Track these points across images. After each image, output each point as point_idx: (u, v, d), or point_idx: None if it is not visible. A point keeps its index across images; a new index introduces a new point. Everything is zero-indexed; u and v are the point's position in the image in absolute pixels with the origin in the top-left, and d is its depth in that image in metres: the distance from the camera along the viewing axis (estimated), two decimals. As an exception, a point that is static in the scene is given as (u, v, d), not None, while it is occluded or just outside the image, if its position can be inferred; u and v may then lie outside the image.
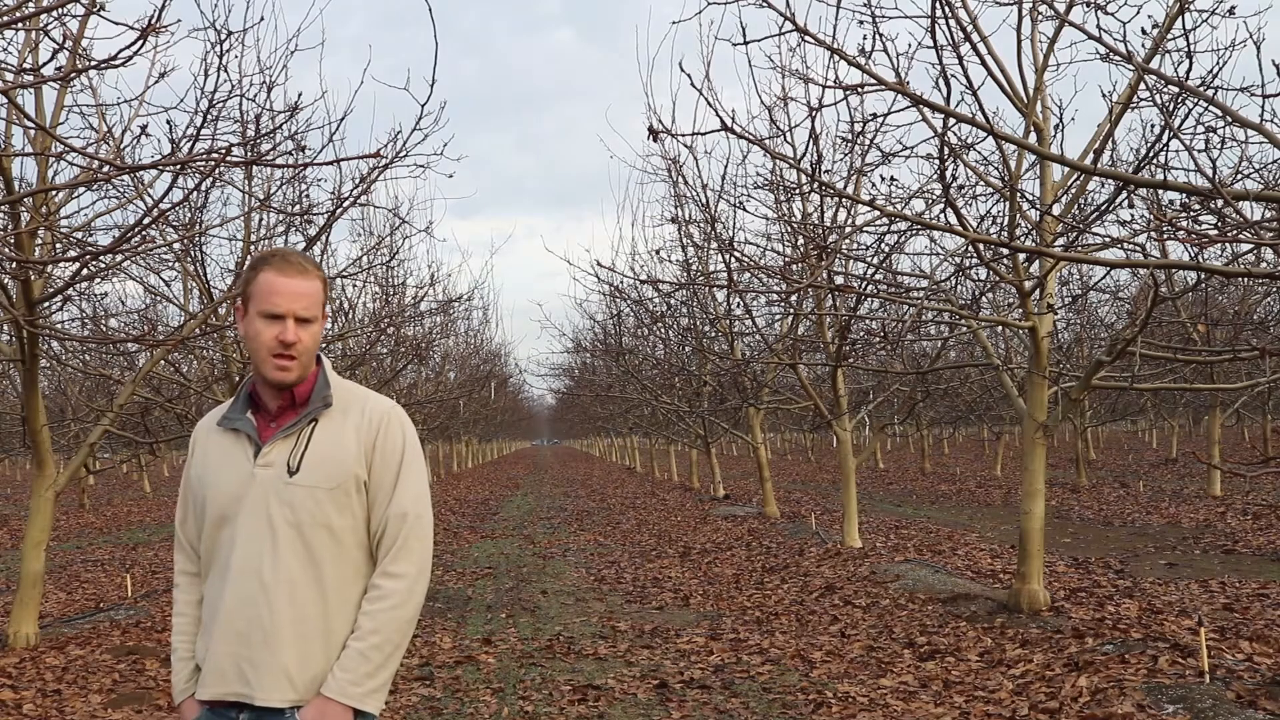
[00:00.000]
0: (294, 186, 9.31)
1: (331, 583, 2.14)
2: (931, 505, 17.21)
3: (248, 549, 2.12)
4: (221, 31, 5.76)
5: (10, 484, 32.99)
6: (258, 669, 2.10)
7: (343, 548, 2.16)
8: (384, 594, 2.15)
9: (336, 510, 2.14)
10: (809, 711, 5.09)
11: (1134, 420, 40.30)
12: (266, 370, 2.14)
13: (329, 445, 2.16)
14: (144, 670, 6.06)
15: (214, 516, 2.17)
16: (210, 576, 2.20)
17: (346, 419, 2.20)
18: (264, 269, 2.15)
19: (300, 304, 2.13)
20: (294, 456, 2.15)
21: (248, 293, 2.17)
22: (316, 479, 2.14)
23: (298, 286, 2.13)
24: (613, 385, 23.07)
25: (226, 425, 2.21)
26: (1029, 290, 6.58)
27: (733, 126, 4.83)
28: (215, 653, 2.13)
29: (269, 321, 2.13)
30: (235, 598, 2.11)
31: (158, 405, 10.97)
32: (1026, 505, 6.83)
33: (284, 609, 2.10)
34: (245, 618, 2.10)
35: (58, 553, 12.81)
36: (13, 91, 4.91)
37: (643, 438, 34.02)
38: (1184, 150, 4.58)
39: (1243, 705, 4.43)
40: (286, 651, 2.09)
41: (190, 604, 2.28)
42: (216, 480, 2.18)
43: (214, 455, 2.22)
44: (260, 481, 2.14)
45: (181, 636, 2.26)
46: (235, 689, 2.12)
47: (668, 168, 12.98)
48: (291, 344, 2.12)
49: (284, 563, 2.11)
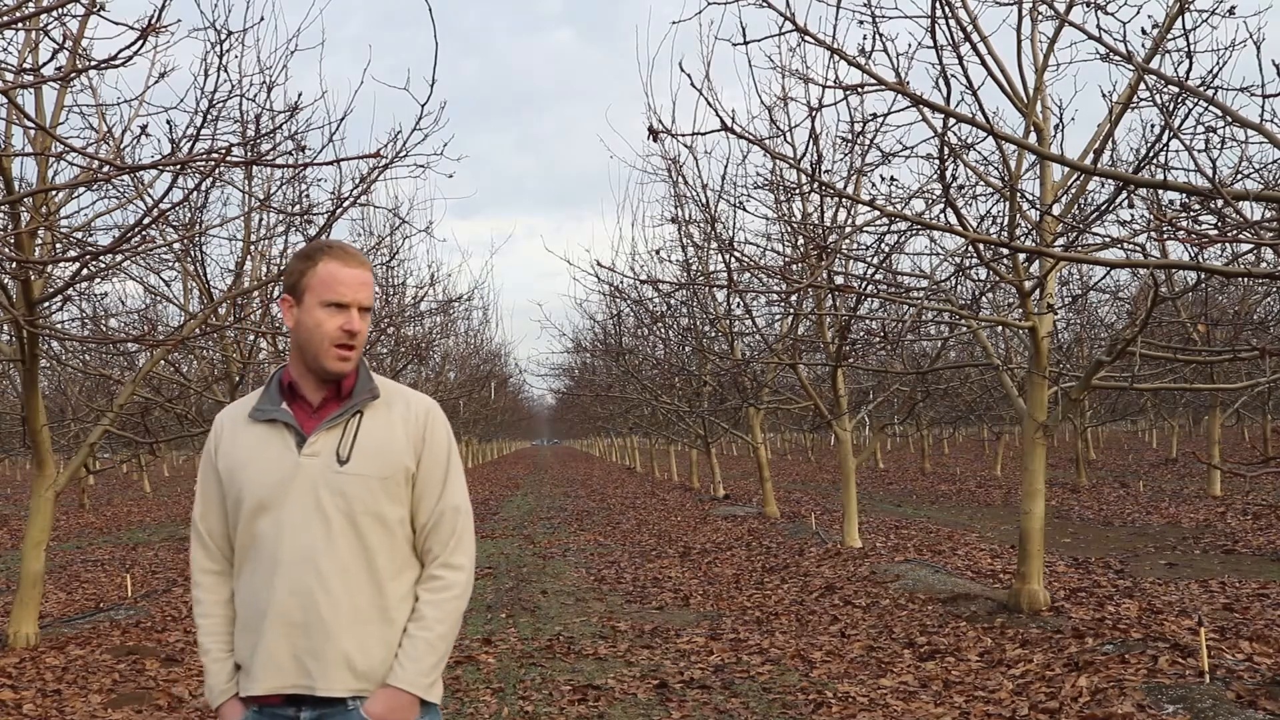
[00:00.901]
0: (294, 186, 9.33)
1: (384, 572, 2.12)
2: (931, 505, 17.21)
3: (298, 539, 2.08)
4: (221, 31, 5.77)
5: (10, 484, 32.99)
6: (319, 659, 2.06)
7: (394, 539, 2.14)
8: (447, 584, 2.15)
9: (388, 500, 2.13)
10: (809, 711, 5.09)
11: (1134, 420, 40.30)
12: (328, 361, 2.12)
13: (379, 436, 2.14)
14: (144, 670, 6.06)
15: (251, 506, 2.12)
16: (249, 570, 2.15)
17: (392, 411, 2.18)
18: (323, 259, 2.13)
19: (363, 294, 2.13)
20: (343, 446, 2.12)
21: (304, 284, 2.13)
22: (368, 468, 2.11)
23: (360, 276, 2.13)
24: (613, 385, 23.08)
25: (260, 417, 2.17)
26: (1029, 290, 6.58)
27: (733, 126, 4.83)
28: (268, 647, 2.08)
29: (333, 311, 2.11)
30: (288, 589, 2.07)
31: (158, 405, 10.98)
32: (1026, 505, 6.83)
33: (342, 597, 2.07)
34: (301, 608, 2.07)
35: (58, 553, 12.80)
36: (13, 91, 4.91)
37: (643, 438, 34.03)
38: (1184, 150, 4.58)
39: (1243, 705, 4.43)
40: (347, 640, 2.07)
41: (217, 603, 2.21)
42: (254, 470, 2.13)
43: (247, 446, 2.17)
44: (307, 470, 2.10)
45: (213, 637, 2.20)
46: (295, 681, 2.08)
47: (668, 168, 13.00)
48: (356, 333, 2.11)
49: (339, 551, 2.08)
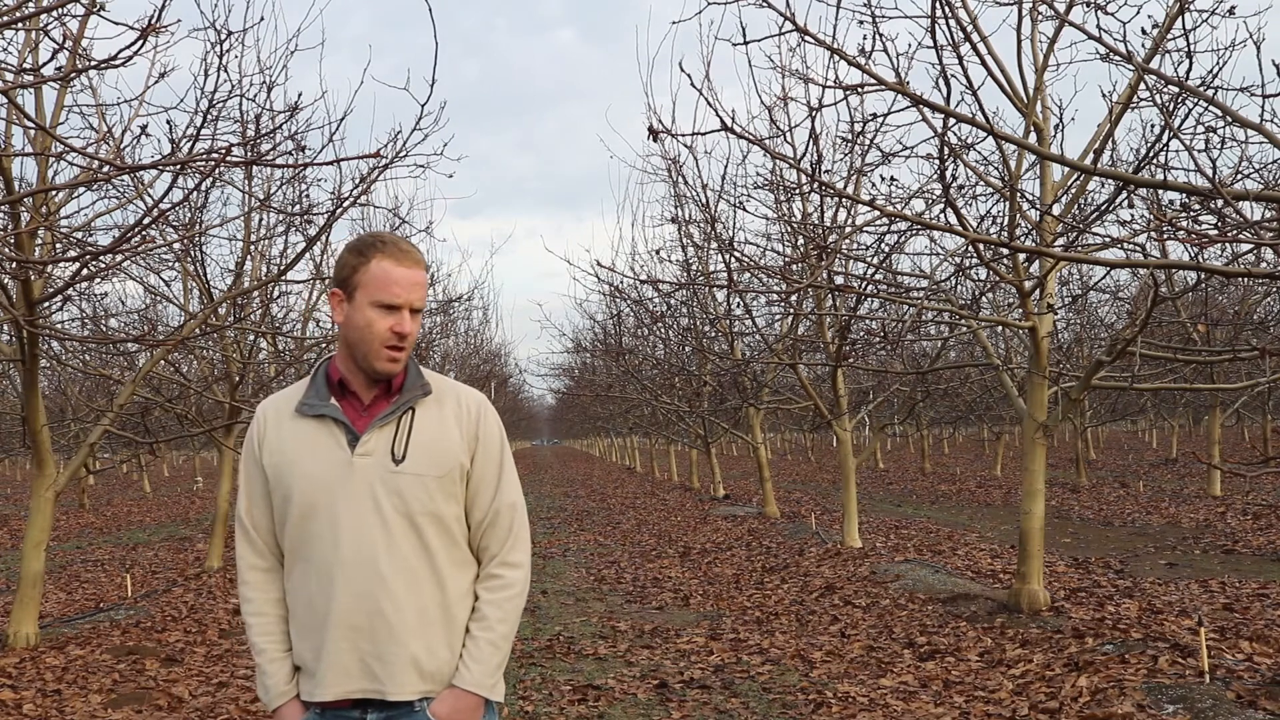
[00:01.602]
0: (294, 186, 9.32)
1: (445, 571, 2.09)
2: (931, 505, 17.20)
3: (357, 541, 2.04)
4: (221, 31, 5.76)
5: (10, 484, 32.99)
6: (386, 663, 2.04)
7: (451, 537, 2.11)
8: (508, 583, 2.13)
9: (445, 498, 2.09)
10: (809, 711, 5.09)
11: (1134, 420, 40.32)
12: (378, 362, 2.06)
13: (433, 433, 2.10)
14: (144, 670, 6.06)
15: (302, 506, 2.07)
16: (301, 571, 2.09)
17: (444, 407, 2.14)
18: (377, 256, 2.05)
19: (416, 295, 2.07)
20: (397, 444, 2.07)
21: (355, 280, 2.06)
22: (424, 467, 2.07)
23: (414, 276, 2.07)
24: (613, 385, 23.07)
25: (308, 412, 2.10)
26: (1029, 290, 6.58)
27: (733, 126, 4.82)
28: (333, 651, 2.04)
29: (384, 312, 2.04)
30: (350, 592, 2.03)
31: (158, 405, 10.98)
32: (1026, 505, 6.83)
33: (406, 600, 2.04)
34: (365, 611, 2.03)
35: (58, 553, 12.80)
36: (13, 91, 4.91)
37: (643, 438, 34.03)
38: (1184, 150, 4.58)
39: (1243, 705, 4.43)
40: (414, 643, 2.04)
41: (270, 601, 2.15)
42: (304, 469, 2.08)
43: (296, 442, 2.10)
44: (361, 471, 2.05)
45: (269, 637, 2.14)
46: (364, 685, 2.05)
47: (668, 168, 12.99)
48: (406, 335, 2.05)
49: (400, 553, 2.05)
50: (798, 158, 8.46)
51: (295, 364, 10.28)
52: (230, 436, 10.16)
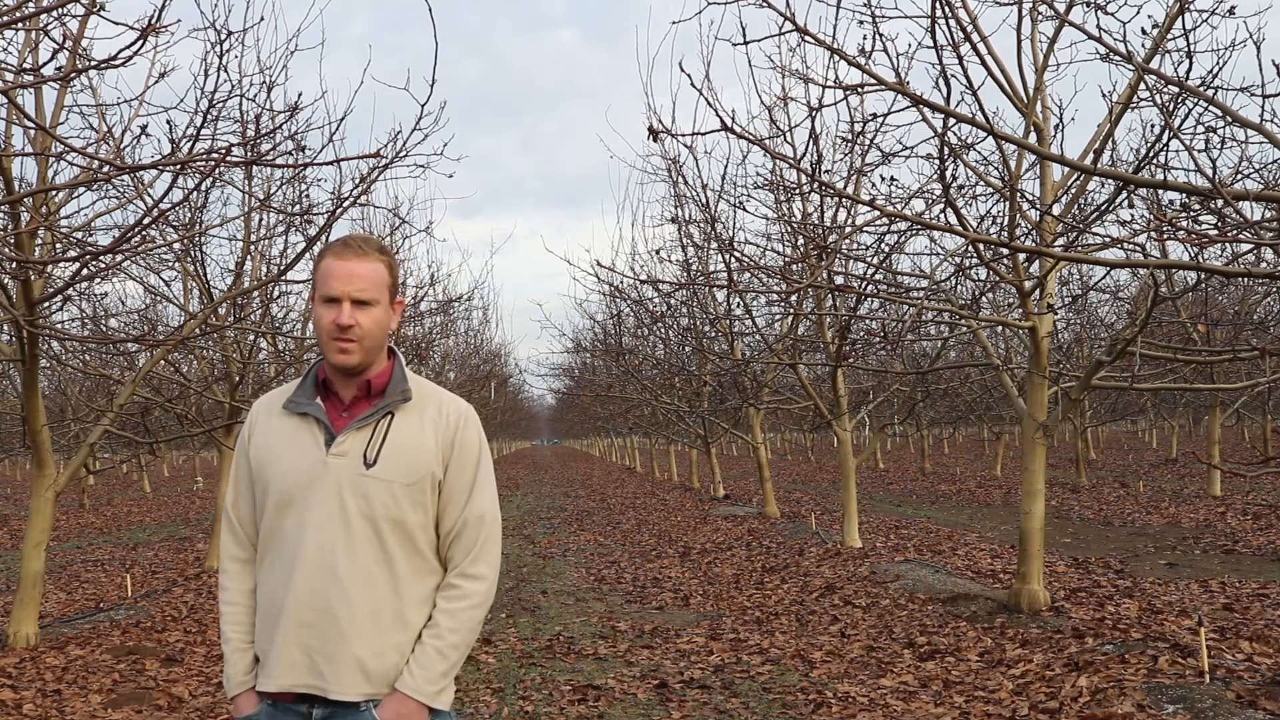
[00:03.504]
0: (294, 186, 9.32)
1: (404, 577, 2.11)
2: (931, 505, 17.20)
3: (320, 539, 2.07)
4: (221, 31, 5.76)
5: (10, 484, 32.98)
6: (331, 661, 2.06)
7: (413, 544, 2.12)
8: (465, 594, 2.13)
9: (411, 506, 2.11)
10: (809, 711, 5.09)
11: (1134, 420, 40.31)
12: (330, 355, 2.12)
13: (408, 440, 2.13)
14: (144, 670, 6.06)
15: (277, 501, 2.12)
16: (269, 563, 2.14)
17: (424, 415, 2.16)
18: (325, 256, 2.13)
19: (355, 285, 2.09)
20: (371, 448, 2.11)
21: (313, 282, 2.16)
22: (394, 473, 2.10)
23: (353, 268, 2.10)
24: (613, 385, 23.07)
25: (293, 409, 2.16)
26: (1029, 290, 6.58)
27: (733, 126, 4.82)
28: (283, 643, 2.08)
29: (327, 306, 2.11)
30: (307, 588, 2.07)
31: (158, 405, 10.98)
32: (1026, 505, 6.83)
33: (359, 601, 2.06)
34: (317, 609, 2.06)
35: (58, 553, 12.81)
36: (13, 91, 4.91)
37: (643, 438, 34.03)
38: (1184, 150, 4.58)
39: (1243, 705, 4.43)
40: (361, 644, 2.06)
41: (243, 592, 2.20)
42: (283, 464, 2.13)
43: (279, 438, 2.16)
44: (333, 470, 2.09)
45: (236, 626, 2.19)
46: (307, 681, 2.08)
47: (668, 168, 13.00)
48: (347, 327, 2.08)
49: (359, 555, 2.07)
50: (798, 158, 8.46)
51: (295, 364, 10.28)
52: (230, 436, 10.16)
